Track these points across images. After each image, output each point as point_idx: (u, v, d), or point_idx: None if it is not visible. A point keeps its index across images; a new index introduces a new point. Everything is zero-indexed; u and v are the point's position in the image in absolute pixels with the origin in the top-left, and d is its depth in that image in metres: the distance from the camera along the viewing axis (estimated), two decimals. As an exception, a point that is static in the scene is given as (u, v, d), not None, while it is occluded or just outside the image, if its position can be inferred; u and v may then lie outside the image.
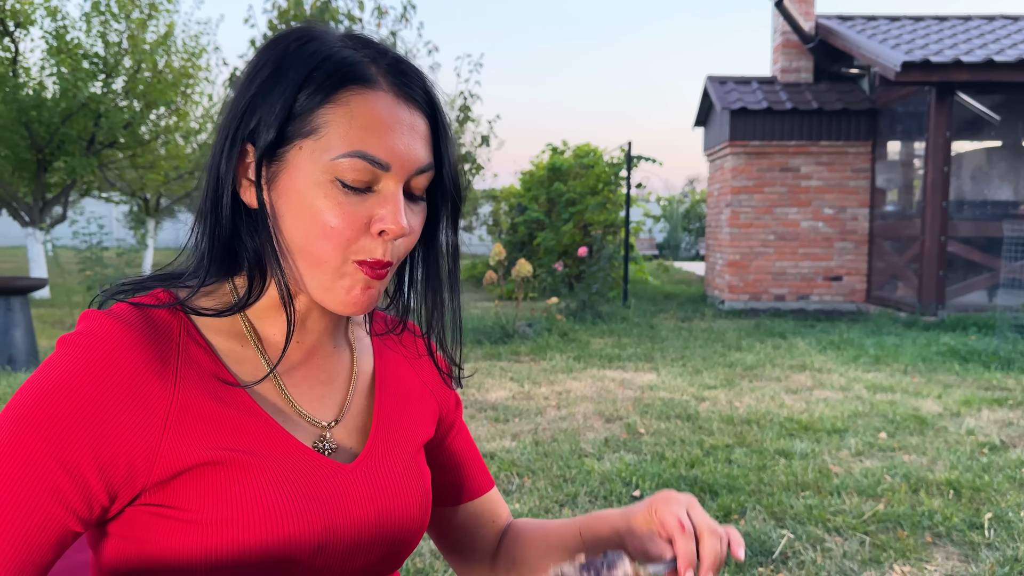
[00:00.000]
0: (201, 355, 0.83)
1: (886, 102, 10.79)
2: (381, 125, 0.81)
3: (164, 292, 0.87)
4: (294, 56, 0.82)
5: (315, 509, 0.83)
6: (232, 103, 0.84)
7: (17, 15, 11.69)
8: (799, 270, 11.39)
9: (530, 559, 1.04)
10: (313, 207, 0.80)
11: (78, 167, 12.27)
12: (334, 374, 0.95)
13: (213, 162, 0.84)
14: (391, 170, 0.81)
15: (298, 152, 0.81)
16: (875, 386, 6.07)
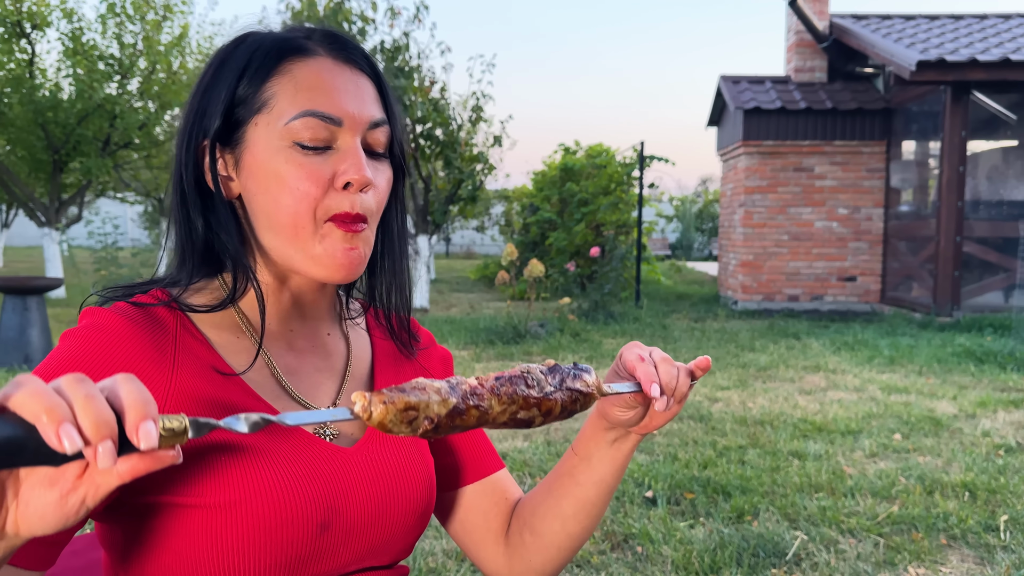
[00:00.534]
0: (197, 346, 0.86)
1: (901, 101, 10.72)
2: (326, 84, 0.85)
3: (160, 291, 0.90)
4: (232, 52, 0.87)
5: (316, 489, 0.84)
6: (186, 110, 0.89)
7: (34, 17, 11.79)
8: (813, 270, 11.34)
9: (534, 510, 1.04)
10: (278, 173, 0.83)
11: (93, 168, 12.35)
12: (330, 362, 0.96)
13: (176, 167, 0.89)
14: (344, 125, 0.85)
15: (254, 128, 0.84)
16: (890, 387, 6.03)
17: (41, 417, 0.52)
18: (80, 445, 0.52)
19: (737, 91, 11.59)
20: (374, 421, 0.66)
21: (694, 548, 3.08)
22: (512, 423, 0.75)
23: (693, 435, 4.68)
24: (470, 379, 0.74)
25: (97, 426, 0.53)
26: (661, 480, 3.81)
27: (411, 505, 0.93)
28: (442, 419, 0.69)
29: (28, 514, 0.56)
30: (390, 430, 0.67)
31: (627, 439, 0.97)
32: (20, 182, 12.91)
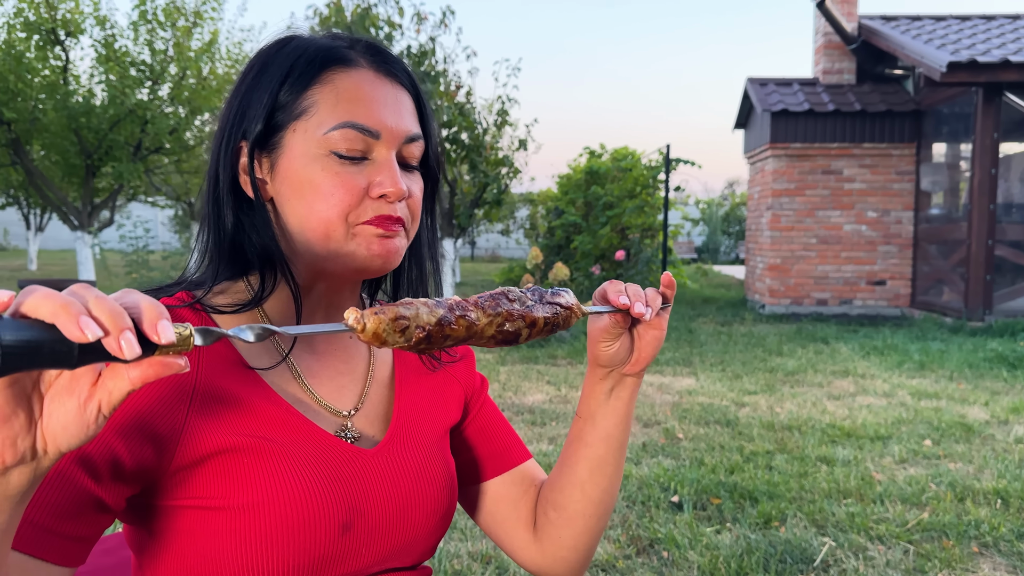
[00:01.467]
0: (221, 347, 0.87)
1: (931, 103, 10.59)
2: (366, 97, 0.86)
3: (185, 293, 0.91)
4: (276, 56, 0.88)
5: (338, 491, 0.85)
6: (224, 110, 0.90)
7: (68, 25, 11.99)
8: (842, 274, 11.22)
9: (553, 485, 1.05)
10: (312, 180, 0.84)
11: (125, 172, 12.53)
12: (353, 365, 0.97)
13: (211, 169, 0.89)
14: (381, 138, 0.86)
15: (292, 135, 0.85)
16: (920, 392, 5.96)
17: (58, 314, 0.52)
18: (100, 333, 0.53)
19: (764, 93, 11.51)
20: (368, 331, 0.68)
21: (720, 554, 3.06)
22: (500, 336, 0.77)
23: (720, 440, 4.65)
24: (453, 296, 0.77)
25: (113, 316, 0.54)
26: (687, 485, 3.79)
27: (433, 506, 0.94)
28: (432, 328, 0.71)
29: (52, 427, 0.58)
30: (386, 340, 0.69)
31: (623, 386, 0.98)
32: (54, 186, 13.12)
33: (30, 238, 24.11)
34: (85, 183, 13.17)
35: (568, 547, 1.05)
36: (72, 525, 0.77)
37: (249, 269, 0.92)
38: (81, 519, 0.77)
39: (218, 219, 0.89)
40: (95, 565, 1.12)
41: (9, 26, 11.90)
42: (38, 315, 0.53)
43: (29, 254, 23.43)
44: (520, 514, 1.08)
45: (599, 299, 0.91)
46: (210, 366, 0.84)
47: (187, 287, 0.92)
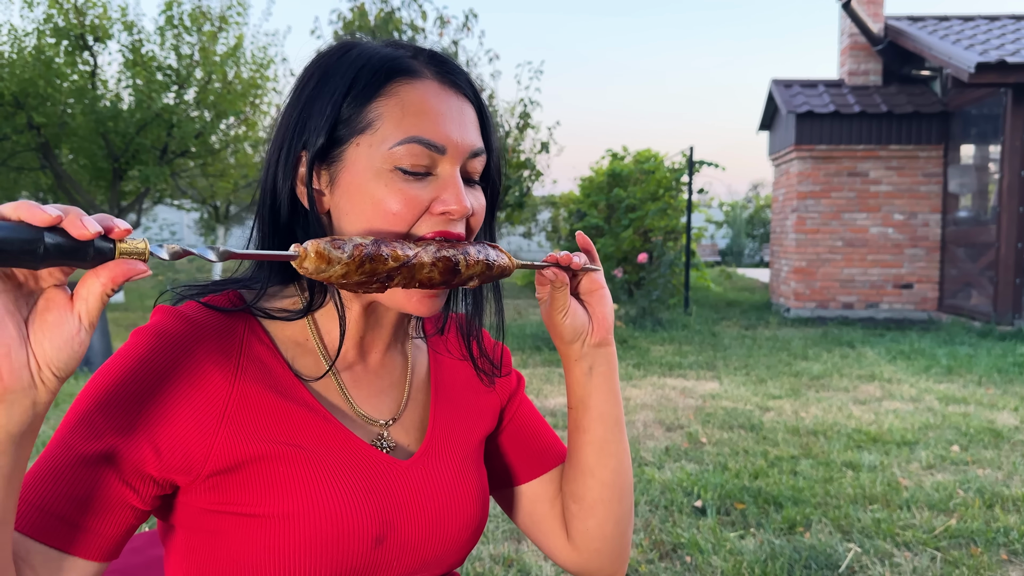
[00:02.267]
0: (264, 352, 0.86)
1: (959, 104, 10.46)
2: (432, 111, 0.84)
3: (234, 294, 0.90)
4: (338, 64, 0.86)
5: (372, 503, 0.85)
6: (283, 117, 0.88)
7: (96, 30, 12.15)
8: (868, 277, 11.11)
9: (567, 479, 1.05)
10: (375, 196, 0.82)
11: (151, 175, 12.68)
12: (392, 374, 0.97)
13: (268, 173, 0.88)
14: (447, 153, 0.84)
15: (355, 149, 0.83)
16: (947, 397, 5.88)
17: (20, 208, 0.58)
18: (59, 214, 0.58)
19: (789, 95, 11.42)
20: (310, 252, 0.72)
21: (744, 559, 3.03)
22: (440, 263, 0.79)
23: (744, 445, 4.61)
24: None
25: (68, 208, 0.60)
26: (711, 490, 3.77)
27: (466, 520, 0.94)
28: (370, 248, 0.74)
29: (43, 348, 0.62)
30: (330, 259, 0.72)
31: (600, 360, 0.99)
32: (82, 189, 13.30)
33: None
34: (112, 186, 13.33)
35: (597, 537, 1.04)
36: (101, 522, 0.78)
37: (299, 277, 0.91)
38: (111, 516, 0.78)
39: (274, 228, 0.88)
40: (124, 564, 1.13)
41: (39, 32, 12.08)
42: (2, 215, 0.58)
43: (58, 256, 23.72)
44: (557, 513, 1.08)
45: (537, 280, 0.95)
46: (250, 375, 0.84)
47: (239, 286, 0.92)
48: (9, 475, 0.64)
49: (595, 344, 0.97)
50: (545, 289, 0.94)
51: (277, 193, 0.87)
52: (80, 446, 0.77)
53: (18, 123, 12.05)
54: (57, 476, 0.76)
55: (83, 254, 0.60)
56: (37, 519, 0.75)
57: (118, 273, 0.62)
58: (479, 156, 0.88)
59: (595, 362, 0.99)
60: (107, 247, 0.61)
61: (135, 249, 0.62)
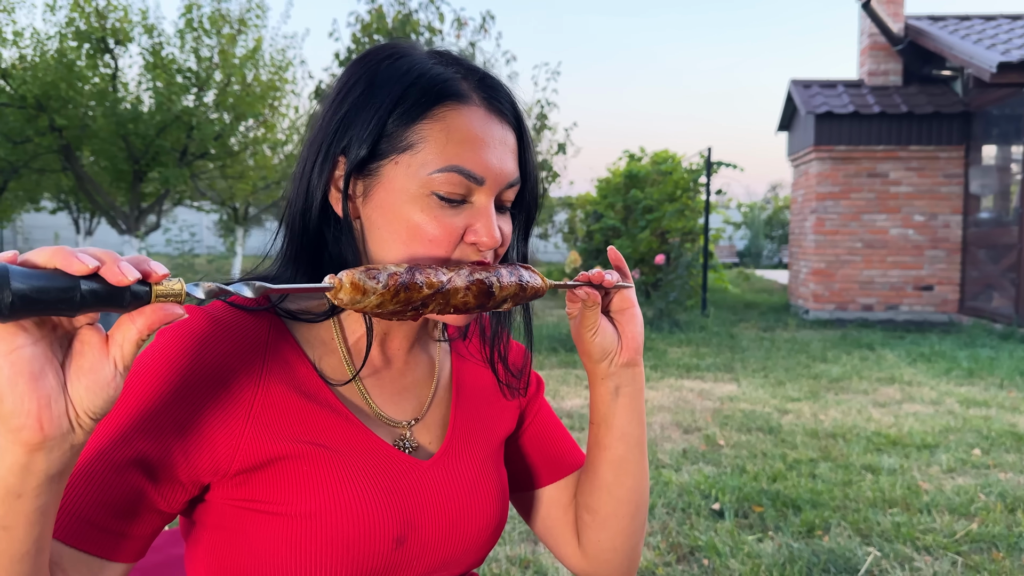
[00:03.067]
0: (289, 353, 0.87)
1: (980, 104, 10.36)
2: (476, 140, 0.83)
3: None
4: (387, 73, 0.85)
5: (394, 503, 0.85)
6: (324, 118, 0.87)
7: (117, 33, 12.27)
8: (888, 279, 11.02)
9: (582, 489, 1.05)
10: (410, 220, 0.82)
11: (171, 177, 12.78)
12: (415, 376, 0.97)
13: (303, 173, 0.87)
14: (485, 184, 0.84)
15: (394, 167, 0.83)
16: (968, 400, 5.82)
17: (55, 256, 0.57)
18: (96, 263, 0.57)
19: (808, 95, 11.35)
20: (346, 283, 0.71)
21: (762, 562, 3.02)
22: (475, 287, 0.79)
23: (762, 447, 4.59)
24: None
25: (105, 253, 0.59)
26: (728, 492, 3.75)
27: (485, 520, 0.94)
28: (404, 276, 0.74)
29: (77, 392, 0.61)
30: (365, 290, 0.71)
31: (627, 381, 0.98)
32: (103, 191, 13.43)
33: (79, 242, 24.67)
34: (133, 188, 13.45)
35: (607, 549, 1.04)
36: (132, 525, 0.78)
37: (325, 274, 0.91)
38: (142, 519, 0.79)
39: (304, 228, 0.88)
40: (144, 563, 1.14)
41: (61, 35, 12.22)
42: (37, 263, 0.57)
43: (79, 257, 23.94)
44: (570, 519, 1.08)
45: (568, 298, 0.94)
46: (274, 376, 0.84)
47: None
48: (47, 510, 0.65)
49: (623, 364, 0.97)
50: (576, 306, 0.93)
51: (310, 193, 0.86)
52: (111, 453, 0.77)
53: (40, 125, 12.18)
54: (88, 482, 0.77)
55: (120, 300, 0.59)
56: (69, 524, 0.76)
57: (155, 320, 0.61)
58: (514, 187, 0.88)
59: (622, 382, 0.98)
60: (143, 291, 0.60)
61: (171, 291, 0.62)
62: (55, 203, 23.31)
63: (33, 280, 0.55)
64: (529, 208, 0.95)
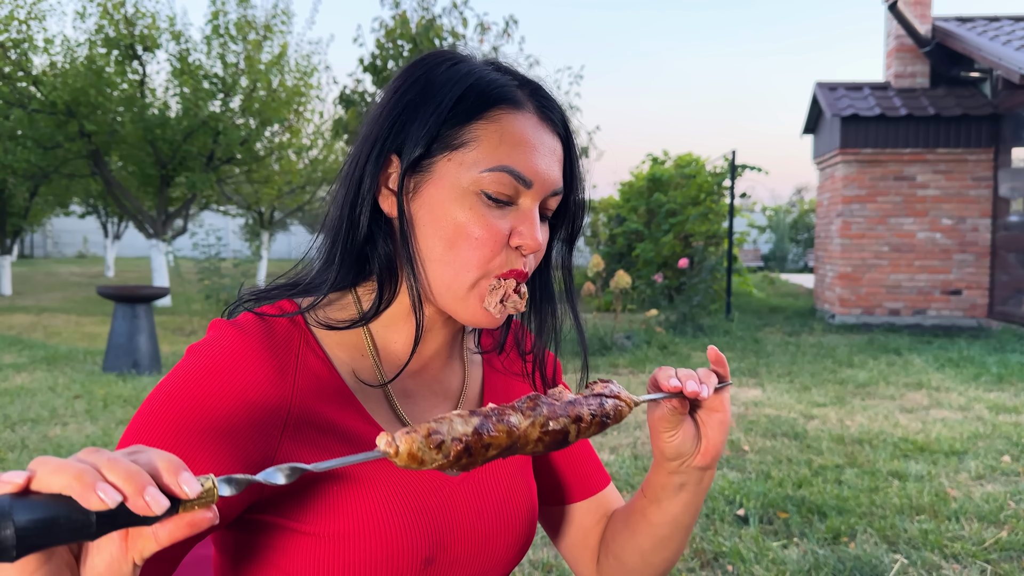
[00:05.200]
0: (319, 366, 0.86)
1: (1010, 106, 10.22)
2: (528, 144, 0.84)
3: (289, 303, 0.90)
4: (445, 76, 0.86)
5: (423, 524, 0.84)
6: (379, 116, 0.87)
7: (145, 40, 12.44)
8: (915, 283, 10.89)
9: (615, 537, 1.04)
10: (457, 218, 0.83)
11: (198, 182, 12.92)
12: (446, 386, 0.96)
13: (354, 172, 0.87)
14: (532, 187, 0.85)
15: (446, 164, 0.84)
16: (998, 406, 5.74)
17: (72, 485, 0.51)
18: (118, 498, 0.51)
19: (834, 98, 11.26)
20: (403, 453, 0.65)
21: (787, 569, 2.99)
22: (547, 438, 0.73)
23: (787, 453, 4.55)
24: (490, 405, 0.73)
25: (131, 476, 0.52)
26: (753, 498, 3.72)
27: (513, 537, 0.94)
28: (470, 439, 0.67)
29: None
30: (423, 460, 0.66)
31: (695, 480, 0.93)
32: (130, 196, 13.60)
33: (108, 246, 25.03)
34: (160, 192, 13.62)
35: None
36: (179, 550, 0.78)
37: (360, 280, 0.90)
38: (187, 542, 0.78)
39: (351, 226, 0.87)
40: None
41: (90, 42, 12.41)
42: (51, 489, 0.51)
43: (106, 261, 24.33)
44: (588, 543, 1.07)
45: (651, 387, 0.87)
46: (306, 387, 0.84)
47: (290, 294, 0.90)
48: None
49: (696, 467, 0.91)
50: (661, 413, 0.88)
51: (362, 190, 0.86)
52: None
53: (70, 131, 12.37)
54: None
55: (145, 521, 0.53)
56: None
57: (181, 533, 0.55)
58: (557, 196, 0.89)
59: (689, 481, 0.93)
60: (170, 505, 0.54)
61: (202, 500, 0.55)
62: (84, 207, 23.70)
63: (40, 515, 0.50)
64: (575, 218, 0.95)
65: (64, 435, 4.93)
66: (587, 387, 0.80)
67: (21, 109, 12.14)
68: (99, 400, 5.88)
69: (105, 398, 5.93)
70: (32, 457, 4.43)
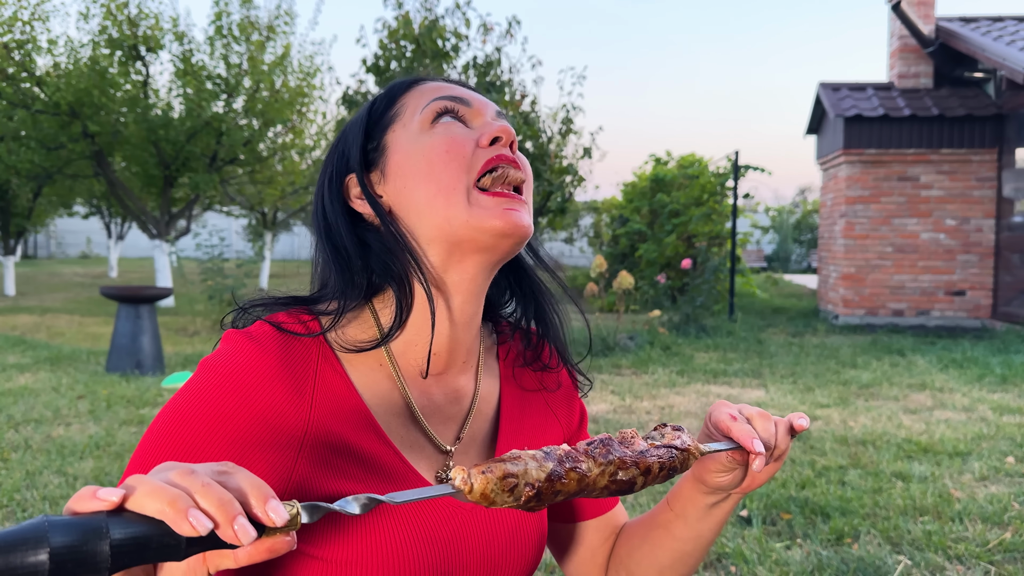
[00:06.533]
0: (337, 382, 0.84)
1: (1014, 107, 10.20)
2: (451, 87, 0.91)
3: (309, 316, 0.87)
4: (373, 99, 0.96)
5: (435, 553, 0.83)
6: (327, 157, 0.95)
7: (148, 41, 12.45)
8: (919, 284, 10.88)
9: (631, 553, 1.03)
10: (423, 150, 0.86)
11: (201, 183, 12.94)
12: (461, 394, 0.94)
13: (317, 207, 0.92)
14: (472, 105, 0.89)
15: (392, 134, 0.89)
16: (1002, 407, 5.72)
17: (166, 512, 0.52)
18: (209, 526, 0.53)
19: (837, 98, 11.25)
20: (476, 492, 0.65)
21: (790, 570, 2.99)
22: (613, 486, 0.73)
23: (790, 454, 4.54)
24: (562, 446, 0.73)
25: (223, 505, 0.54)
26: (756, 499, 3.72)
27: (523, 563, 0.93)
28: (542, 485, 0.68)
29: None
30: (494, 501, 0.66)
31: (727, 500, 0.93)
32: (134, 196, 13.62)
33: (111, 246, 25.07)
34: (163, 193, 13.63)
35: None
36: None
37: (373, 293, 0.89)
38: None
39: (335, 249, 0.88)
40: None
41: (94, 43, 12.42)
42: (144, 511, 0.53)
43: (110, 262, 24.35)
44: (596, 560, 1.06)
45: (718, 429, 0.85)
46: (324, 406, 0.82)
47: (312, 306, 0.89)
48: None
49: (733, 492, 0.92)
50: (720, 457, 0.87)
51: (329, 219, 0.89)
52: None
53: (74, 132, 12.39)
54: None
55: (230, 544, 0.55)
56: None
57: (260, 556, 0.57)
58: (504, 118, 0.91)
59: (722, 502, 0.93)
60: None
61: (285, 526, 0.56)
62: (87, 208, 23.73)
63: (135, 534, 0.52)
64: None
65: (67, 435, 4.94)
66: (655, 430, 0.80)
67: (25, 110, 12.16)
68: (102, 400, 5.89)
69: (108, 398, 5.94)
70: (35, 458, 4.44)
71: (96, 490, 0.53)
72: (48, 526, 0.50)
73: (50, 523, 0.51)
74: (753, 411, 0.85)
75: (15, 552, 0.49)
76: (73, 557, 0.50)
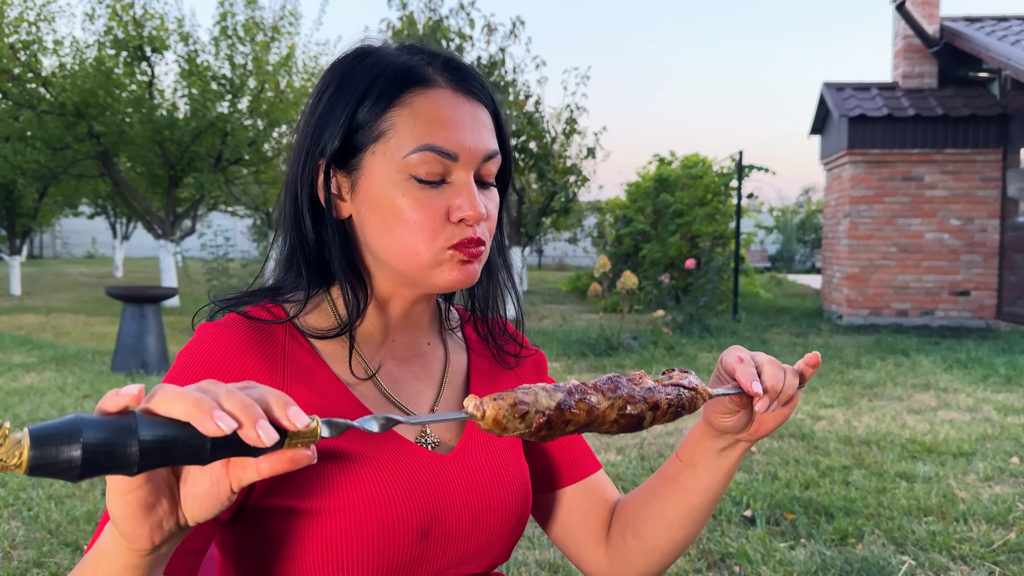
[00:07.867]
0: (305, 356, 0.89)
1: (1019, 107, 10.18)
2: (445, 119, 0.86)
3: (272, 304, 0.93)
4: (354, 72, 0.88)
5: (418, 497, 0.86)
6: (303, 124, 0.91)
7: (154, 41, 12.48)
8: (923, 284, 10.86)
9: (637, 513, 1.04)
10: (394, 206, 0.85)
11: (206, 183, 12.96)
12: (430, 370, 0.99)
13: (290, 181, 0.91)
14: (460, 160, 0.86)
15: (372, 157, 0.86)
16: (1006, 408, 5.72)
17: (191, 412, 0.55)
18: (234, 425, 0.55)
19: (841, 98, 11.24)
20: (488, 418, 0.68)
21: (794, 570, 3.00)
22: (623, 420, 0.74)
23: (794, 454, 4.55)
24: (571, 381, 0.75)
25: (245, 408, 0.56)
26: (760, 499, 3.72)
27: (507, 511, 0.95)
28: (552, 413, 0.70)
29: (188, 504, 0.62)
30: (506, 428, 0.68)
31: (735, 447, 0.95)
32: (139, 196, 13.65)
33: (116, 246, 25.11)
34: (168, 193, 13.66)
35: (638, 573, 1.05)
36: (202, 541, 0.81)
37: (331, 282, 0.93)
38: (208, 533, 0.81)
39: (300, 234, 0.91)
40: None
41: (99, 44, 12.46)
42: (171, 414, 0.55)
43: (115, 261, 24.40)
44: (591, 526, 1.08)
45: (726, 372, 0.87)
46: (294, 379, 0.87)
47: (274, 298, 0.93)
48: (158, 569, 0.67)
49: (740, 440, 0.94)
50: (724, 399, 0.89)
51: (298, 199, 0.90)
52: None
53: (79, 132, 12.42)
54: None
55: (253, 452, 0.57)
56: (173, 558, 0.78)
57: (282, 468, 0.59)
58: (493, 159, 0.89)
59: (730, 448, 0.95)
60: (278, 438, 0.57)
61: (306, 433, 0.58)
62: (93, 208, 23.78)
63: (162, 435, 0.54)
64: (504, 182, 0.96)
65: (73, 435, 4.96)
66: (664, 374, 0.82)
67: (31, 110, 12.20)
68: (108, 400, 5.91)
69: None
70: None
71: (119, 390, 0.56)
72: (81, 423, 0.53)
73: (82, 420, 0.53)
74: (764, 358, 0.87)
75: (50, 445, 0.51)
76: (105, 452, 0.53)
